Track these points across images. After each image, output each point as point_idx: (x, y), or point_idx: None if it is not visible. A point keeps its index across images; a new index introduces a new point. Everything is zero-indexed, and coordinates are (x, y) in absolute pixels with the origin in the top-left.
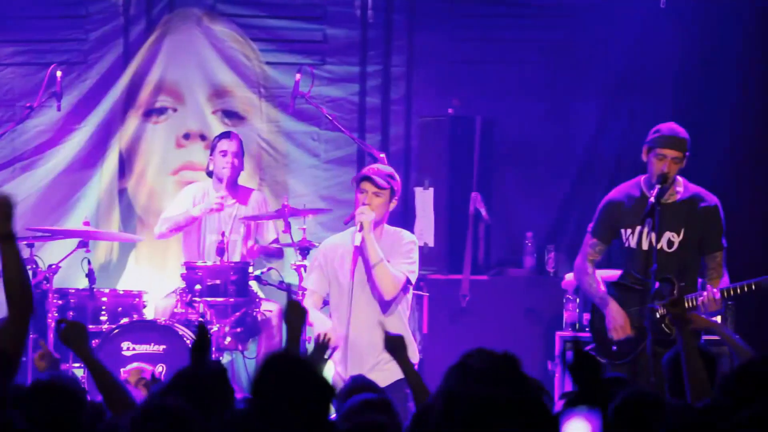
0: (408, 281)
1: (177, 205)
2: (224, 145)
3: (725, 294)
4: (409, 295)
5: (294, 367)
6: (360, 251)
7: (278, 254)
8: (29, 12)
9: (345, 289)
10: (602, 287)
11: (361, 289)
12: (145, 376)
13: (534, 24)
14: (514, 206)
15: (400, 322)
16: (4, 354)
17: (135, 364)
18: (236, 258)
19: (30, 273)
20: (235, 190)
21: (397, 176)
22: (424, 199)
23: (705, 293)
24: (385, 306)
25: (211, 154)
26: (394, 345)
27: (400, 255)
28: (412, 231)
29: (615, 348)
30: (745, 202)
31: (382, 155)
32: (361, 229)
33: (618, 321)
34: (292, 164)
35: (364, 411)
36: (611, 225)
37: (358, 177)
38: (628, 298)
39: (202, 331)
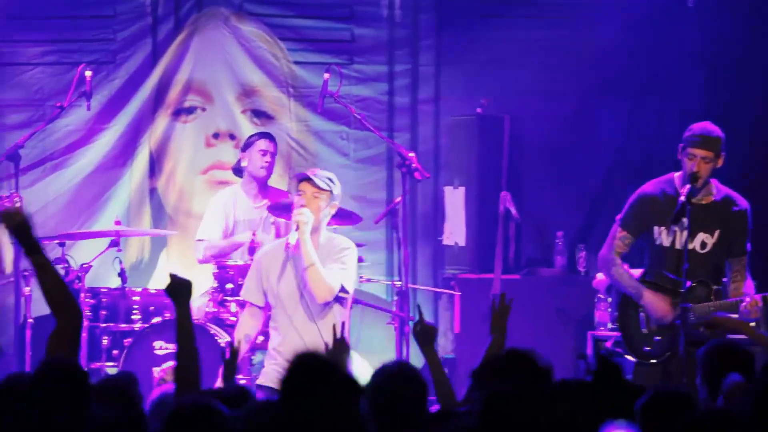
0: (342, 289)
1: (210, 221)
2: (264, 144)
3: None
4: (346, 303)
5: (322, 366)
6: (294, 252)
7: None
8: (58, 12)
9: (280, 294)
10: (634, 277)
11: (294, 293)
12: None
13: (562, 24)
14: (544, 205)
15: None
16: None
17: (171, 363)
18: None
19: (63, 272)
20: (265, 190)
21: (337, 181)
22: (454, 198)
23: (747, 299)
24: (320, 309)
25: (243, 150)
26: (426, 334)
27: (335, 261)
28: (442, 231)
29: (647, 348)
30: None
31: (411, 154)
32: (297, 229)
33: (661, 306)
34: (321, 163)
35: None
36: (643, 219)
37: (298, 177)
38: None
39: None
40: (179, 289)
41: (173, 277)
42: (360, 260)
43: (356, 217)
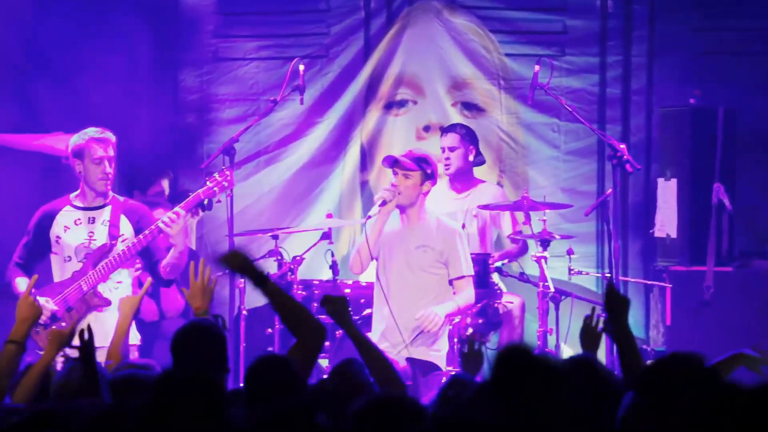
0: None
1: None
2: (442, 141)
3: None
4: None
5: (529, 360)
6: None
7: (523, 250)
8: (272, 7)
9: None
10: None
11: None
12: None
13: None
14: (758, 197)
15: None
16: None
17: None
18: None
19: (276, 265)
20: (468, 182)
21: (431, 160)
22: (666, 190)
23: None
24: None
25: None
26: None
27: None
28: (653, 222)
29: None
30: None
31: (623, 146)
32: (383, 204)
33: None
34: (531, 156)
35: None
36: None
37: (387, 162)
38: None
39: None
40: (339, 306)
41: (330, 298)
42: (570, 252)
43: (565, 205)
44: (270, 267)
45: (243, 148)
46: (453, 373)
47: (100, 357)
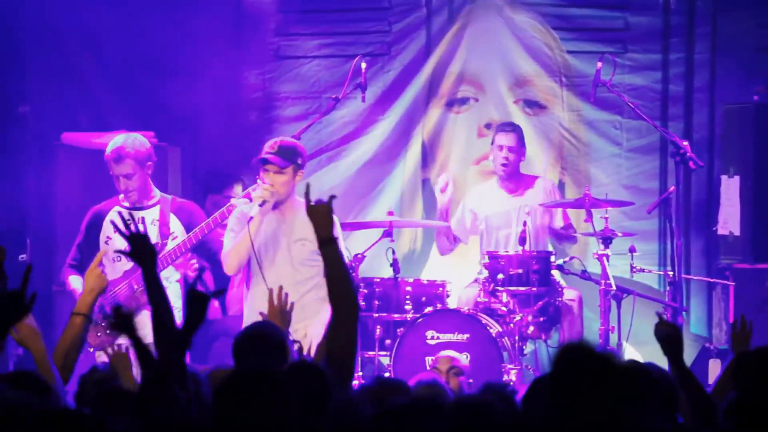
0: None
1: (458, 211)
2: (501, 138)
3: None
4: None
5: (590, 359)
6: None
7: (570, 239)
8: (334, 5)
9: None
10: None
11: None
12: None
13: None
14: None
15: None
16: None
17: (446, 353)
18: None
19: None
20: (519, 180)
21: (301, 149)
22: (729, 187)
23: None
24: None
25: (491, 145)
26: (671, 337)
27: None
28: (716, 220)
29: None
30: None
31: (686, 143)
32: (262, 205)
33: None
34: (593, 153)
35: None
36: None
37: (259, 163)
38: None
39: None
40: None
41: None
42: (632, 250)
43: (627, 203)
44: None
45: (305, 146)
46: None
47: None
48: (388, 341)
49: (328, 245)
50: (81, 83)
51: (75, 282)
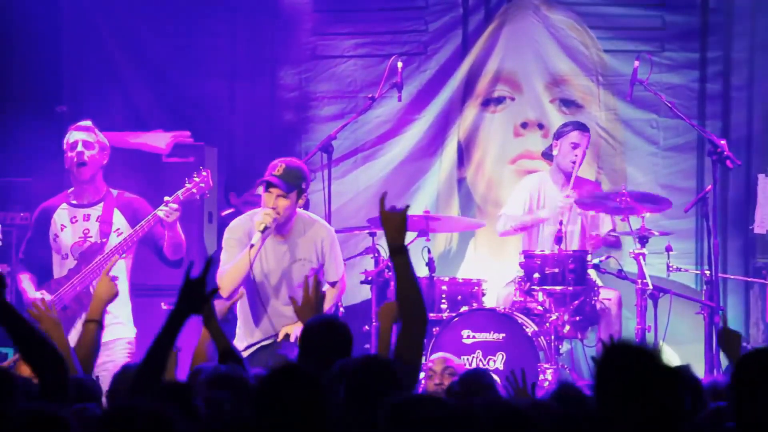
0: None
1: (514, 200)
2: (576, 136)
3: None
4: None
5: (640, 358)
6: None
7: (616, 245)
8: (370, 5)
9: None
10: None
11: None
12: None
13: None
14: None
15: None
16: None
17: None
18: (573, 247)
19: (373, 262)
20: (569, 179)
21: (306, 173)
22: (767, 186)
23: None
24: None
25: (556, 138)
26: (731, 342)
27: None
28: (753, 218)
29: None
30: None
31: (723, 141)
32: (265, 231)
33: None
34: (630, 152)
35: None
36: None
37: (263, 182)
38: None
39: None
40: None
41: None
42: (668, 249)
43: (666, 202)
44: (367, 264)
45: (340, 146)
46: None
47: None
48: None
49: (399, 254)
50: (118, 83)
51: (23, 281)
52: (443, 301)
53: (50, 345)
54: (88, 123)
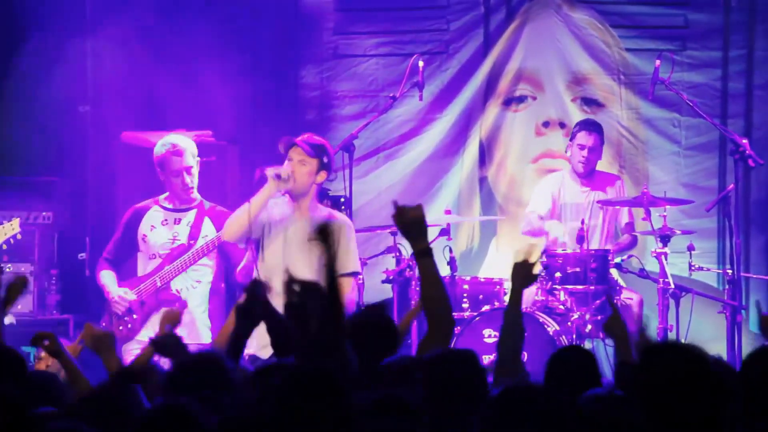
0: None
1: (536, 200)
2: (582, 138)
3: None
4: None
5: (685, 356)
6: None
7: (632, 243)
8: (392, 4)
9: None
10: None
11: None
12: None
13: None
14: None
15: None
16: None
17: None
18: (595, 244)
19: (394, 261)
20: (592, 177)
21: (330, 150)
22: None
23: None
24: None
25: (570, 140)
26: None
27: None
28: None
29: None
30: None
31: (745, 140)
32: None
33: None
34: (652, 151)
35: None
36: None
37: (286, 144)
38: None
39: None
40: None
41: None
42: (691, 248)
43: (686, 201)
44: (388, 263)
45: (362, 145)
46: None
47: None
48: None
49: (424, 257)
50: (140, 82)
51: (106, 277)
52: (465, 300)
53: None
54: (187, 144)
